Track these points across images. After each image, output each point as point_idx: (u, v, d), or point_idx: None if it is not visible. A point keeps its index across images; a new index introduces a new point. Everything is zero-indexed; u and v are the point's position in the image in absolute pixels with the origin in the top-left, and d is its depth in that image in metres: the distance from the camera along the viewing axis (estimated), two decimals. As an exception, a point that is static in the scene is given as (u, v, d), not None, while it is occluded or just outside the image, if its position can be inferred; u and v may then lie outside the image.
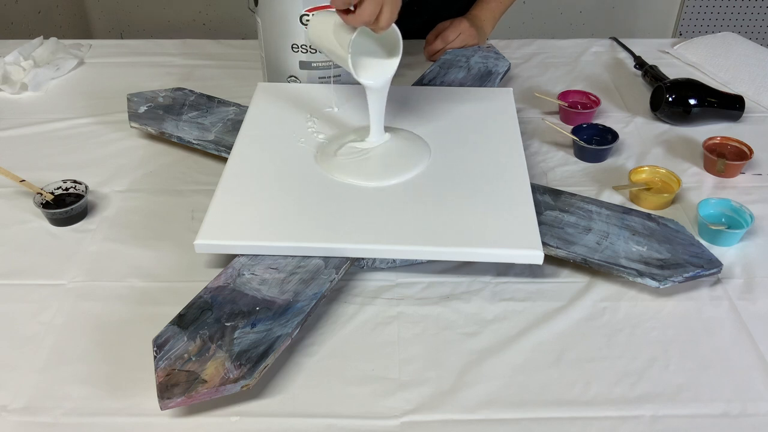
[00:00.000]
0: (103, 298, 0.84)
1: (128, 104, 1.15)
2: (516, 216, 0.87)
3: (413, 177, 0.94)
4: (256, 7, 1.15)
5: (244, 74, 1.30)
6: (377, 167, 0.95)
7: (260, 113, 1.07)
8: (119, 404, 0.72)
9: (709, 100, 1.16)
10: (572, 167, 1.07)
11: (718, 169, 1.05)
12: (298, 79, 1.18)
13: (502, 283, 0.87)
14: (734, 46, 1.38)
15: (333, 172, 0.93)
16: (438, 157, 0.98)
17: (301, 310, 0.77)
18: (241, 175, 0.94)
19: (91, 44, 1.41)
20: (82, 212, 0.96)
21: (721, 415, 0.72)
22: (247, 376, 0.69)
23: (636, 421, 0.71)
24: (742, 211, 0.94)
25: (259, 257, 0.84)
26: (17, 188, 0.99)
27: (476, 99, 1.11)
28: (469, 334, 0.80)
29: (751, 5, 2.54)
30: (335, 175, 0.93)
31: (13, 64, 1.28)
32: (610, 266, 0.84)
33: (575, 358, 0.77)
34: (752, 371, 0.76)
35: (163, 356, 0.71)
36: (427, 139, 1.01)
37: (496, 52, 1.29)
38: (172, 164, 1.07)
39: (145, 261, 0.89)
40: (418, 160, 0.96)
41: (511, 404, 0.72)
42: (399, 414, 0.71)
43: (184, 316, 0.76)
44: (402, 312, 0.83)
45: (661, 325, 0.81)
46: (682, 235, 0.89)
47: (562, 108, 1.18)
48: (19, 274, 0.87)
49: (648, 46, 1.40)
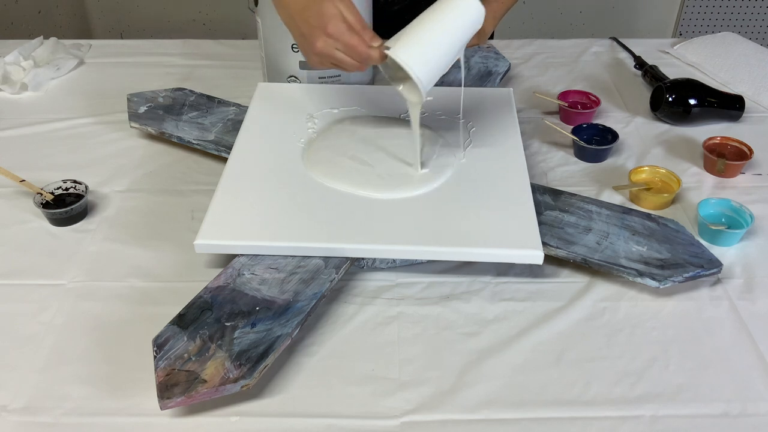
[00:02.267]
0: (103, 298, 0.84)
1: (128, 104, 1.15)
2: (516, 216, 0.87)
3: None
4: (256, 7, 1.15)
5: (244, 74, 1.30)
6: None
7: (260, 113, 1.07)
8: (119, 404, 0.72)
9: (709, 100, 1.16)
10: (572, 167, 1.07)
11: (718, 169, 1.05)
12: (298, 79, 1.18)
13: (502, 283, 0.87)
14: (734, 46, 1.38)
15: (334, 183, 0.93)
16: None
17: (301, 310, 0.77)
18: (241, 175, 0.94)
19: (91, 44, 1.41)
20: (82, 212, 0.96)
21: (721, 415, 0.72)
22: (247, 376, 0.69)
23: (636, 421, 0.71)
24: (742, 211, 0.94)
25: (259, 257, 0.84)
26: (17, 188, 0.99)
27: (476, 99, 1.11)
28: (469, 334, 0.80)
29: (751, 5, 2.54)
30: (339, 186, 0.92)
31: (13, 64, 1.28)
32: (610, 266, 0.84)
33: (575, 358, 0.77)
34: (752, 371, 0.76)
35: (163, 356, 0.71)
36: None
37: (496, 52, 1.29)
38: (172, 164, 1.07)
39: (145, 261, 0.89)
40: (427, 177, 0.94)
41: (511, 404, 0.72)
42: (399, 414, 0.71)
43: (184, 316, 0.76)
44: (402, 312, 0.83)
45: (661, 325, 0.81)
46: (682, 235, 0.89)
47: (562, 108, 1.18)
48: (19, 274, 0.87)
49: (648, 46, 1.40)
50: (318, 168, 0.94)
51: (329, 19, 0.82)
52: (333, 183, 0.92)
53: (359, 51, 0.82)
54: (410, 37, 0.83)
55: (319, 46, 0.83)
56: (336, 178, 0.92)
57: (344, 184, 0.91)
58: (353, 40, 0.82)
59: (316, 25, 0.83)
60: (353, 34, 0.82)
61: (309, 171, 0.94)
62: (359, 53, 0.82)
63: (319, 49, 0.84)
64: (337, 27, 0.82)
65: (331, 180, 0.92)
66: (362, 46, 0.82)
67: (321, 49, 0.84)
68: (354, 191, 0.90)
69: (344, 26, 0.82)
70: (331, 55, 0.84)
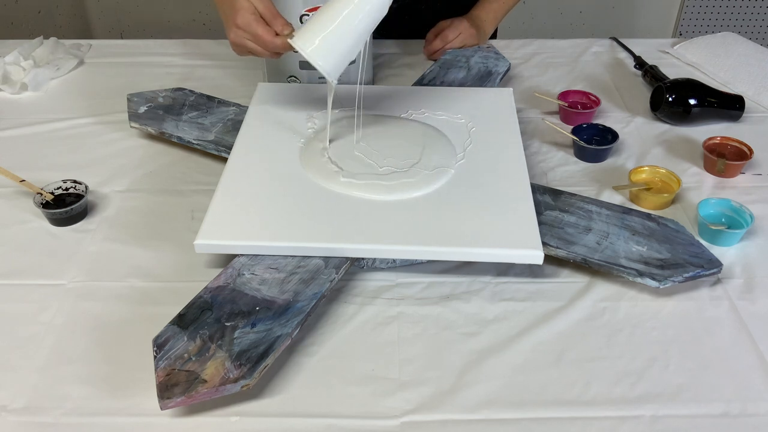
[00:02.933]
0: (103, 298, 0.84)
1: (128, 104, 1.15)
2: (516, 216, 0.87)
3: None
4: (256, 7, 1.15)
5: (244, 74, 1.30)
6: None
7: (260, 113, 1.07)
8: (119, 404, 0.72)
9: (709, 100, 1.16)
10: (572, 167, 1.07)
11: (718, 169, 1.05)
12: (298, 79, 1.18)
13: (502, 283, 0.87)
14: (734, 46, 1.38)
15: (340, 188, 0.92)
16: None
17: (301, 310, 0.77)
18: (241, 175, 0.94)
19: (91, 44, 1.41)
20: (82, 212, 0.96)
21: (721, 415, 0.72)
22: (247, 376, 0.69)
23: (636, 421, 0.71)
24: (742, 211, 0.94)
25: (259, 257, 0.84)
26: (17, 188, 0.99)
27: (476, 99, 1.11)
28: (469, 334, 0.80)
29: (751, 5, 2.54)
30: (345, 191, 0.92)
31: (13, 64, 1.28)
32: (610, 266, 0.84)
33: (575, 358, 0.77)
34: (752, 371, 0.76)
35: (163, 356, 0.71)
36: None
37: (496, 52, 1.29)
38: (172, 164, 1.07)
39: (145, 261, 0.89)
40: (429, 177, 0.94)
41: (511, 404, 0.72)
42: (399, 414, 0.71)
43: (184, 316, 0.76)
44: (402, 312, 0.83)
45: (661, 325, 0.81)
46: (682, 235, 0.89)
47: (562, 108, 1.18)
48: (19, 274, 0.87)
49: (648, 46, 1.40)
50: (317, 169, 0.95)
51: (238, 11, 0.89)
52: (332, 184, 0.92)
53: (265, 40, 0.89)
54: (313, 24, 0.88)
55: (231, 37, 0.92)
56: (335, 178, 0.92)
57: (344, 186, 0.91)
58: (259, 30, 0.89)
59: (228, 17, 0.91)
60: (260, 24, 0.89)
61: (308, 172, 0.94)
62: (265, 42, 0.90)
63: (231, 40, 0.92)
64: (245, 18, 0.89)
65: (331, 181, 0.92)
66: (268, 36, 0.89)
67: (233, 40, 0.92)
68: (354, 193, 0.90)
69: (252, 17, 0.89)
70: (242, 44, 0.92)
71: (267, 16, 0.90)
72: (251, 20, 0.89)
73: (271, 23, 0.90)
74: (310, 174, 0.93)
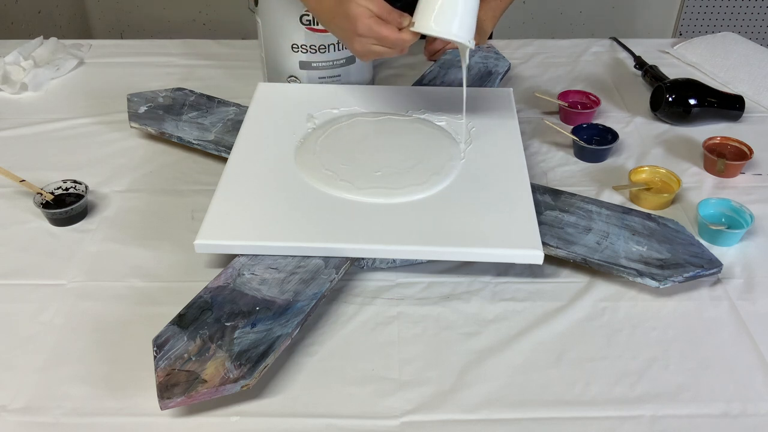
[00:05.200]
0: (102, 298, 0.84)
1: (128, 104, 1.15)
2: (516, 216, 0.87)
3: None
4: (256, 7, 1.15)
5: (244, 74, 1.30)
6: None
7: (260, 113, 1.07)
8: (119, 404, 0.72)
9: (709, 100, 1.16)
10: (572, 167, 1.07)
11: (718, 169, 1.05)
12: (298, 79, 1.18)
13: (502, 283, 0.87)
14: (734, 46, 1.38)
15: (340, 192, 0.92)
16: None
17: (301, 310, 0.77)
18: (241, 175, 0.94)
19: (91, 44, 1.41)
20: (82, 212, 0.96)
21: (721, 415, 0.72)
22: (247, 376, 0.69)
23: (636, 421, 0.71)
24: (742, 211, 0.94)
25: (259, 257, 0.84)
26: (17, 188, 0.99)
27: (476, 99, 1.11)
28: (469, 334, 0.80)
29: (751, 5, 2.54)
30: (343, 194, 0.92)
31: (13, 64, 1.28)
32: (610, 266, 0.84)
33: (575, 358, 0.77)
34: (752, 371, 0.76)
35: (163, 356, 0.71)
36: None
37: (496, 52, 1.29)
38: (172, 164, 1.07)
39: (145, 261, 0.89)
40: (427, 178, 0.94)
41: (511, 404, 0.72)
42: (399, 414, 0.71)
43: (184, 316, 0.76)
44: (402, 312, 0.83)
45: (661, 325, 0.81)
46: (682, 235, 0.89)
47: (562, 108, 1.18)
48: (19, 274, 0.87)
49: (648, 46, 1.40)
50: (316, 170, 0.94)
51: (355, 20, 0.85)
52: (332, 186, 0.92)
53: (392, 40, 0.86)
54: (425, 4, 0.86)
55: (357, 48, 0.88)
56: (335, 179, 0.92)
57: (343, 187, 0.91)
58: (383, 31, 0.85)
59: (347, 29, 0.87)
60: (382, 26, 0.85)
61: (307, 173, 0.94)
62: (393, 42, 0.86)
63: (358, 51, 0.88)
64: (364, 24, 0.85)
65: (330, 182, 0.92)
66: (394, 34, 0.86)
67: (359, 50, 0.88)
68: (353, 194, 0.90)
69: (371, 21, 0.85)
70: (370, 51, 0.88)
71: (383, 14, 0.86)
72: (371, 24, 0.85)
73: (388, 20, 0.86)
74: (309, 180, 0.93)
